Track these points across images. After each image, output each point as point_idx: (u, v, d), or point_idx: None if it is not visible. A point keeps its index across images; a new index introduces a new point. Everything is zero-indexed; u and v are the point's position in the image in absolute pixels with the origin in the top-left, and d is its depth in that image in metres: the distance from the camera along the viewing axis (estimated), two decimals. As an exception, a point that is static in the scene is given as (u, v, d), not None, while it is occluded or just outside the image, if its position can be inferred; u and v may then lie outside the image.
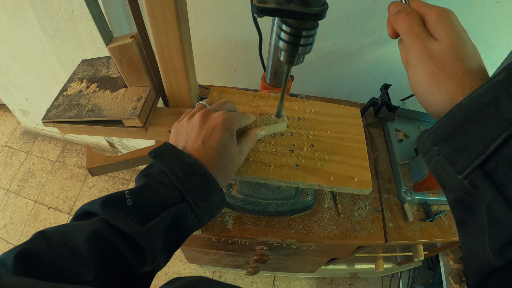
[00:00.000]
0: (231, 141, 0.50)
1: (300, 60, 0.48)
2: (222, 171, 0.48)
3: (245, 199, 0.73)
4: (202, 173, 0.44)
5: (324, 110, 0.68)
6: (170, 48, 0.57)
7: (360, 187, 0.58)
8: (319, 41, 1.05)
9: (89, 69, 0.82)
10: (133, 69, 0.66)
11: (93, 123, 0.71)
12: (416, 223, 0.83)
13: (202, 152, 0.47)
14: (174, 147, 0.47)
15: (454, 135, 0.33)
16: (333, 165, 0.60)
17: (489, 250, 0.30)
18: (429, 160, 0.37)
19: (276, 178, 0.57)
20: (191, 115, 0.52)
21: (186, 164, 0.44)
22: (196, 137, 0.48)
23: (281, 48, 0.46)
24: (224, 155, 0.48)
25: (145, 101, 0.67)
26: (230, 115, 0.51)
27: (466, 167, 0.32)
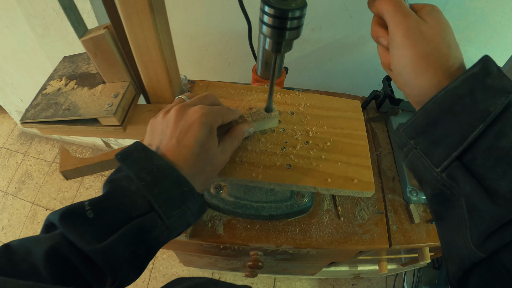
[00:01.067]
0: (210, 139, 0.43)
1: (288, 47, 0.42)
2: (200, 173, 0.42)
3: (236, 202, 0.66)
4: (174, 177, 0.38)
5: (320, 103, 0.61)
6: (145, 38, 0.51)
7: (362, 189, 0.51)
8: (317, 32, 0.98)
9: (69, 65, 0.76)
10: (109, 63, 0.59)
11: (70, 123, 0.64)
12: (423, 225, 0.76)
13: (177, 152, 0.40)
14: (144, 147, 0.41)
15: (430, 127, 0.32)
16: (330, 165, 0.52)
17: (470, 243, 0.30)
18: (405, 154, 0.36)
19: (265, 181, 0.49)
20: (167, 110, 0.46)
21: (156, 167, 0.38)
22: (171, 135, 0.42)
23: (265, 35, 0.39)
24: (201, 155, 0.42)
25: (122, 98, 0.60)
26: (210, 109, 0.44)
27: (443, 159, 0.31)
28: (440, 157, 0.32)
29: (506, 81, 0.30)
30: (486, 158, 0.29)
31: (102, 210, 0.35)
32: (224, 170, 0.50)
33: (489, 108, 0.29)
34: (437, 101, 0.32)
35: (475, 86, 0.30)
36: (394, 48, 0.37)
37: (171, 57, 0.56)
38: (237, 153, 0.52)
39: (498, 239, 0.28)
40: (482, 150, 0.29)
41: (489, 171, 0.29)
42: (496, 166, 0.29)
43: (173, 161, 0.40)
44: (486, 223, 0.28)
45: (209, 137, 0.43)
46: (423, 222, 0.76)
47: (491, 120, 0.29)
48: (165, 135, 0.42)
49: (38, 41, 1.23)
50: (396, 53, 0.36)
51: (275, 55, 0.43)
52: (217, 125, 0.45)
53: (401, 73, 0.36)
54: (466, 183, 0.30)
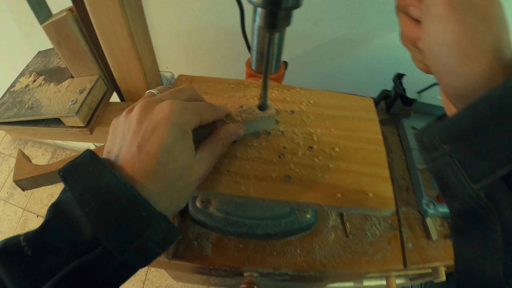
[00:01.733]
0: (182, 144, 0.32)
1: (285, 20, 0.31)
2: (169, 190, 0.32)
3: (226, 218, 0.54)
4: (127, 199, 0.28)
5: (326, 101, 0.49)
6: (110, 19, 0.40)
7: (379, 206, 0.39)
8: (318, 27, 0.88)
9: (42, 60, 0.67)
10: (74, 53, 0.50)
11: (33, 123, 0.55)
12: (440, 242, 0.65)
13: (137, 163, 0.30)
14: (94, 159, 0.31)
15: (476, 133, 0.25)
16: (340, 176, 0.41)
17: (501, 274, 0.26)
18: (433, 159, 0.30)
19: (258, 196, 0.38)
20: (131, 108, 0.35)
21: (105, 187, 0.28)
22: (131, 141, 0.32)
23: (254, 2, 0.29)
24: (170, 166, 0.31)
25: (88, 93, 0.49)
26: (183, 105, 0.33)
27: (485, 176, 0.26)
28: (482, 173, 0.26)
29: None
30: None
31: (40, 246, 0.27)
32: (206, 183, 0.39)
33: None
34: (491, 100, 0.24)
35: None
36: (432, 20, 0.27)
37: (145, 43, 0.45)
38: (222, 161, 0.41)
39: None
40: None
41: None
42: None
43: (132, 176, 0.30)
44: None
45: (180, 142, 0.32)
46: (441, 237, 0.66)
47: None
48: (126, 140, 0.32)
49: (25, 39, 1.16)
50: (434, 27, 0.26)
51: (270, 32, 0.32)
52: (193, 125, 0.34)
53: (440, 55, 0.27)
54: (509, 210, 0.24)
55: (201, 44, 0.99)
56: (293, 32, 0.89)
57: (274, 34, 0.33)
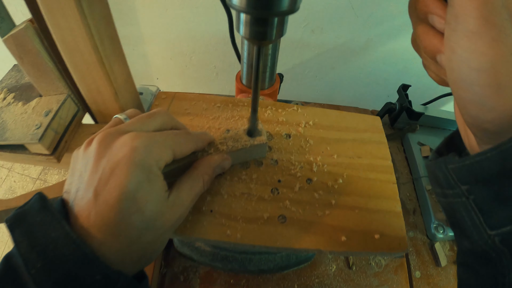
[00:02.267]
0: (148, 189, 0.25)
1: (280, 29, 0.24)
2: (133, 245, 0.25)
3: (214, 253, 0.48)
4: (78, 259, 0.23)
5: (328, 121, 0.42)
6: (71, 30, 0.34)
7: (390, 249, 0.33)
8: (317, 35, 0.83)
9: (15, 75, 0.60)
10: (38, 69, 0.43)
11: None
12: (450, 268, 0.59)
13: (94, 213, 0.24)
14: (43, 206, 0.25)
15: (503, 178, 0.21)
16: (344, 214, 0.34)
17: None
18: (445, 195, 0.26)
19: (247, 243, 0.31)
20: (91, 139, 0.28)
21: (53, 243, 0.23)
22: (88, 184, 0.25)
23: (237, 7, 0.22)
24: (133, 217, 0.25)
25: (54, 116, 0.42)
26: (149, 139, 0.27)
27: (505, 224, 0.22)
28: (501, 221, 0.22)
29: None
30: None
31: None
32: (185, 226, 0.32)
33: None
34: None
35: None
36: (460, 36, 0.21)
37: (115, 57, 0.38)
38: (204, 199, 0.34)
39: None
40: None
41: None
42: None
43: (87, 229, 0.24)
44: None
45: (145, 187, 0.25)
46: (450, 263, 0.59)
47: None
48: (83, 181, 0.26)
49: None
50: (463, 45, 0.21)
51: (258, 45, 0.25)
52: (163, 163, 0.27)
53: (467, 80, 0.21)
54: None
55: (192, 53, 0.93)
56: (289, 40, 0.83)
57: (263, 48, 0.26)
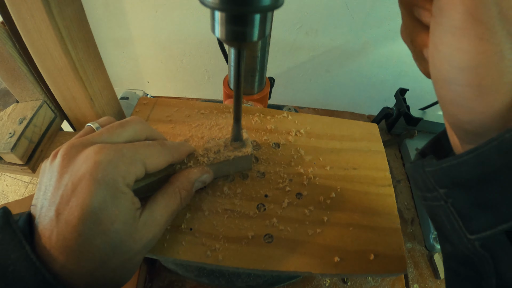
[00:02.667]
0: (113, 208, 0.23)
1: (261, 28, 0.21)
2: (99, 270, 0.23)
3: (200, 268, 0.45)
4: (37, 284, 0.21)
5: (321, 129, 0.39)
6: (40, 33, 0.32)
7: (388, 271, 0.30)
8: (312, 37, 0.80)
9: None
10: (12, 74, 0.41)
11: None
12: None
13: (55, 234, 0.22)
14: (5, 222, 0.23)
15: (481, 184, 0.20)
16: (338, 232, 0.31)
17: None
18: (425, 198, 0.24)
19: (229, 265, 0.28)
20: (57, 151, 0.26)
21: (12, 265, 0.21)
22: (50, 202, 0.23)
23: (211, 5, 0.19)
24: (97, 240, 0.22)
25: (28, 124, 0.40)
26: (115, 152, 0.24)
27: (485, 229, 0.21)
28: (480, 226, 0.21)
29: None
30: None
31: None
32: (162, 245, 0.29)
33: None
34: (502, 147, 0.19)
35: None
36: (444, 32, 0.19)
37: (90, 61, 0.35)
38: (183, 215, 0.30)
39: None
40: None
41: None
42: None
43: (49, 250, 0.22)
44: None
45: (110, 206, 0.23)
46: None
47: None
48: (46, 198, 0.24)
49: None
50: (446, 42, 0.19)
51: (238, 47, 0.23)
52: (131, 179, 0.24)
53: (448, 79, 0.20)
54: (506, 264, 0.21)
55: (182, 56, 0.90)
56: (283, 43, 0.81)
57: (243, 51, 0.23)
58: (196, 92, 0.99)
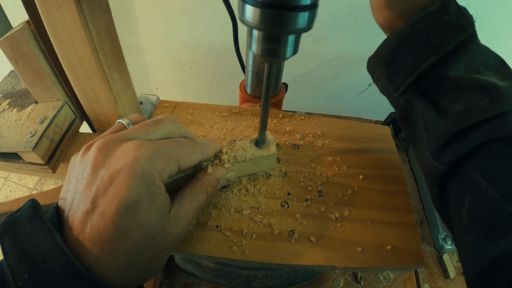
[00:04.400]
0: (149, 203, 0.23)
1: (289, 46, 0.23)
2: (131, 263, 0.23)
3: (218, 269, 0.45)
4: (67, 273, 0.21)
5: (336, 131, 0.41)
6: (69, 32, 0.33)
7: (406, 263, 0.31)
8: (319, 45, 0.81)
9: (11, 81, 0.59)
10: (34, 74, 0.41)
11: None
12: (459, 279, 0.57)
13: (89, 226, 0.22)
14: (34, 213, 0.23)
15: (391, 57, 0.33)
16: (358, 227, 0.32)
17: (428, 155, 0.31)
18: (376, 81, 0.37)
19: (256, 260, 0.29)
20: (90, 144, 0.26)
21: (42, 254, 0.21)
22: (84, 194, 0.23)
23: (250, 23, 0.21)
24: (132, 233, 0.23)
25: (50, 124, 0.40)
26: (153, 149, 0.25)
27: (400, 85, 0.33)
28: (398, 83, 0.33)
29: (464, 19, 0.29)
30: (440, 86, 0.30)
31: None
32: (188, 242, 0.30)
33: (442, 42, 0.29)
34: (397, 35, 0.32)
35: (432, 22, 0.30)
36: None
37: (115, 61, 0.36)
38: (209, 214, 0.31)
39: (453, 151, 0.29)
40: (436, 80, 0.30)
41: (444, 98, 0.30)
42: (449, 93, 0.30)
43: (82, 242, 0.22)
44: (438, 135, 0.29)
45: (146, 201, 0.23)
46: (459, 275, 0.58)
47: (443, 53, 0.29)
48: (78, 190, 0.24)
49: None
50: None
51: (269, 62, 0.24)
52: (166, 176, 0.25)
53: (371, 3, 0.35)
54: (419, 104, 0.31)
55: (192, 63, 0.91)
56: (291, 51, 0.82)
57: (274, 66, 0.24)
58: (204, 98, 0.99)
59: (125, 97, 0.39)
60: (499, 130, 0.27)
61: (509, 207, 0.25)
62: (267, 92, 0.27)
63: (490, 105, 0.27)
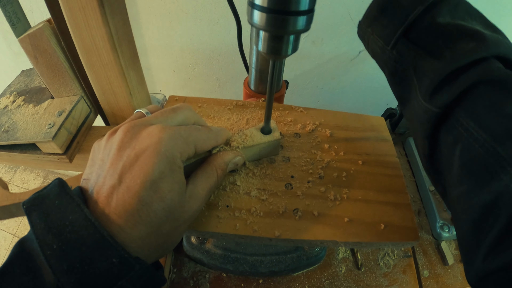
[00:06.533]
0: (171, 178, 0.26)
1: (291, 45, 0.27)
2: (153, 234, 0.26)
3: (225, 255, 0.48)
4: (95, 241, 0.23)
5: (334, 121, 0.44)
6: (90, 29, 0.36)
7: (402, 239, 0.34)
8: (318, 46, 0.84)
9: (24, 80, 0.63)
10: (53, 70, 0.44)
11: (9, 149, 0.48)
12: (457, 266, 0.60)
13: (115, 199, 0.25)
14: (62, 190, 0.25)
15: (380, 14, 0.34)
16: (357, 207, 0.35)
17: (421, 100, 0.31)
18: (367, 43, 0.38)
19: (264, 236, 0.31)
20: (115, 130, 0.29)
21: (70, 225, 0.23)
22: (110, 171, 0.26)
23: (257, 25, 0.25)
24: (154, 206, 0.25)
25: (67, 116, 0.44)
26: (175, 132, 0.27)
27: (392, 37, 0.34)
28: (389, 36, 0.34)
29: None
30: (429, 34, 0.31)
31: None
32: (201, 221, 0.33)
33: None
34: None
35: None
36: None
37: (131, 58, 0.39)
38: (220, 195, 0.34)
39: (445, 93, 0.29)
40: (425, 28, 0.31)
41: (433, 45, 0.31)
42: (437, 40, 0.31)
43: (107, 214, 0.24)
44: (430, 78, 0.30)
45: (168, 177, 0.26)
46: (457, 262, 0.61)
47: (428, 3, 0.31)
48: (104, 169, 0.27)
49: (14, 59, 1.12)
50: None
51: (273, 59, 0.28)
52: (185, 157, 0.28)
53: None
54: (411, 52, 0.33)
55: (194, 65, 0.94)
56: (290, 51, 0.85)
57: (277, 62, 0.28)
58: None
59: (139, 92, 0.42)
60: (487, 72, 0.28)
61: (500, 150, 0.25)
62: (271, 85, 0.31)
63: (476, 47, 0.28)
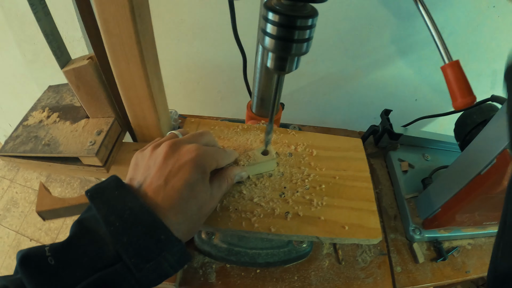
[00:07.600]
0: (202, 184, 0.38)
1: (293, 64, 0.36)
2: (186, 221, 0.36)
3: (229, 249, 0.59)
4: (149, 223, 0.32)
5: (319, 143, 0.56)
6: (130, 72, 0.46)
7: (367, 237, 0.46)
8: (312, 66, 0.95)
9: (53, 96, 0.70)
10: (92, 97, 0.54)
11: (50, 160, 0.58)
12: (427, 264, 0.71)
13: (162, 194, 0.35)
14: (120, 184, 0.36)
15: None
16: (333, 211, 0.47)
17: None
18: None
19: (263, 231, 0.44)
20: (157, 144, 0.40)
21: (129, 210, 0.33)
22: (157, 174, 0.36)
23: (267, 48, 0.33)
24: (190, 201, 0.36)
25: (106, 135, 0.54)
26: (206, 150, 0.39)
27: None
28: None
29: None
30: None
31: (64, 258, 0.30)
32: (216, 219, 0.44)
33: None
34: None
35: None
36: None
37: (160, 92, 0.51)
38: (230, 202, 0.46)
39: None
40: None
41: None
42: None
43: (157, 204, 0.34)
44: None
45: (201, 181, 0.37)
46: (427, 261, 0.71)
47: None
48: (150, 172, 0.37)
49: (27, 66, 1.18)
50: None
51: (278, 74, 0.38)
52: (211, 169, 0.40)
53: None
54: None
55: (199, 79, 1.04)
56: (287, 70, 0.96)
57: (282, 76, 0.39)
58: (209, 110, 1.13)
59: (164, 115, 0.54)
60: None
61: None
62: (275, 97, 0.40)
63: None
